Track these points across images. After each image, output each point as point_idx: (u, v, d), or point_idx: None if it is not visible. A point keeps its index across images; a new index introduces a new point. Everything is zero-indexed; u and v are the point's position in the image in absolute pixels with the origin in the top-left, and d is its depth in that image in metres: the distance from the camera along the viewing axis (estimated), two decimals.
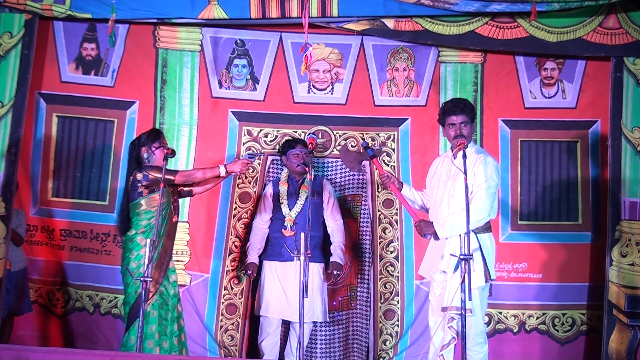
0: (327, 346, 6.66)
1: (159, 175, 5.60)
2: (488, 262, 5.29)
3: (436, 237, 5.42)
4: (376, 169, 6.12)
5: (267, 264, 6.36)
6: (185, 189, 6.02)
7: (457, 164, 5.29)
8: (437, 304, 5.42)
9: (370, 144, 6.35)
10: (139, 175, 5.70)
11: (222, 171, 5.79)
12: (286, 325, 6.49)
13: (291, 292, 6.15)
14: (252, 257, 6.35)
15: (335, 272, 6.32)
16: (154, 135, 5.89)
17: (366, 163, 6.59)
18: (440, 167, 5.62)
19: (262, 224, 6.42)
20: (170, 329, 5.71)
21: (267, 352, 6.29)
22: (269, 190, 6.47)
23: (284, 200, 6.36)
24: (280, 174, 6.56)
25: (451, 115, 5.47)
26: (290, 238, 6.20)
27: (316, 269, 6.25)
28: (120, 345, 5.67)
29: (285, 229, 6.29)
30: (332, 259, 6.35)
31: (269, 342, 6.29)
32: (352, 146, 6.67)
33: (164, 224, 5.71)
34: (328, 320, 6.48)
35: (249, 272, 6.32)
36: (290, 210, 6.33)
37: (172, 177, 5.69)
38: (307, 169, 6.04)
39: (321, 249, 6.40)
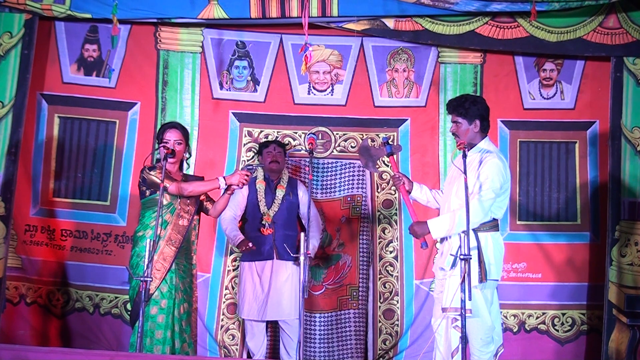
0: (327, 345, 6.65)
1: (154, 179, 5.47)
2: (486, 262, 5.12)
3: (425, 245, 5.35)
4: (390, 166, 6.07)
5: (246, 265, 6.30)
6: (205, 204, 5.78)
7: (457, 164, 5.27)
8: (438, 302, 5.38)
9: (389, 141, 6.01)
10: (140, 176, 5.62)
11: (221, 183, 5.53)
12: (274, 324, 6.47)
13: (272, 291, 6.16)
14: (239, 235, 6.16)
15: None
16: (158, 133, 5.74)
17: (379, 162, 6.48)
18: (451, 169, 5.58)
19: (231, 212, 6.22)
20: (163, 335, 5.46)
21: (255, 352, 6.30)
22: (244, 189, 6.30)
23: (262, 198, 6.32)
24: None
25: (449, 115, 5.47)
26: (270, 237, 6.21)
27: (295, 268, 6.19)
28: (120, 345, 5.60)
29: (264, 228, 6.27)
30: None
31: (256, 343, 6.30)
32: (371, 141, 6.59)
33: (165, 226, 5.51)
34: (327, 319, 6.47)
35: (245, 248, 6.07)
36: (268, 209, 6.31)
37: (165, 185, 5.42)
38: (279, 166, 6.25)
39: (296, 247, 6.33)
